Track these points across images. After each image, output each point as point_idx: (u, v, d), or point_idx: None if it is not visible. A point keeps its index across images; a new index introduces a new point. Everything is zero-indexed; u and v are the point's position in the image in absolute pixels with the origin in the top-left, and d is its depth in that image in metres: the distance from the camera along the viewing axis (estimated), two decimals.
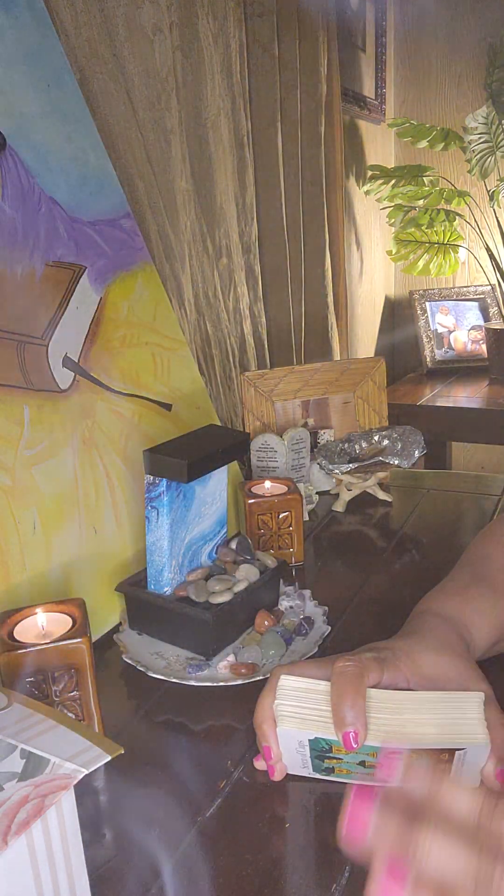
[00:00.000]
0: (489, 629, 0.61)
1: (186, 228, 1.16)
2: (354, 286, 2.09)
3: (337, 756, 0.50)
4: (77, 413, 0.78)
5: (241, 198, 1.29)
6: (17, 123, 0.77)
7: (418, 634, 0.57)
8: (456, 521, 1.04)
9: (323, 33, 1.52)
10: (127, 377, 0.85)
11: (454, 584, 0.65)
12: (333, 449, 1.06)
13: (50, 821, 0.37)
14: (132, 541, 0.80)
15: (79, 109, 0.86)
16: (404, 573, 0.87)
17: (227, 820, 0.50)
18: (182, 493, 0.72)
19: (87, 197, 0.85)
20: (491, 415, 1.86)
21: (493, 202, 2.03)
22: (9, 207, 0.75)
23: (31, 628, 0.58)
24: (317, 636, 0.71)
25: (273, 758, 0.52)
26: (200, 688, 0.65)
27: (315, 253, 1.62)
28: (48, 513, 0.72)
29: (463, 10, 2.11)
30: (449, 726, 0.49)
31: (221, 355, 1.28)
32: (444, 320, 2.22)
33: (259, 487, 0.90)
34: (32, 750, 0.38)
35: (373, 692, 0.51)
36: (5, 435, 0.70)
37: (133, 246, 0.90)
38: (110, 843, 0.49)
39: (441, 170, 2.12)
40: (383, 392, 1.16)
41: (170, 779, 0.55)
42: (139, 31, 1.02)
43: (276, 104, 1.38)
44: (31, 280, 0.76)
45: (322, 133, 1.58)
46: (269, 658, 0.68)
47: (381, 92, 2.13)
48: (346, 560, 0.92)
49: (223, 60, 1.20)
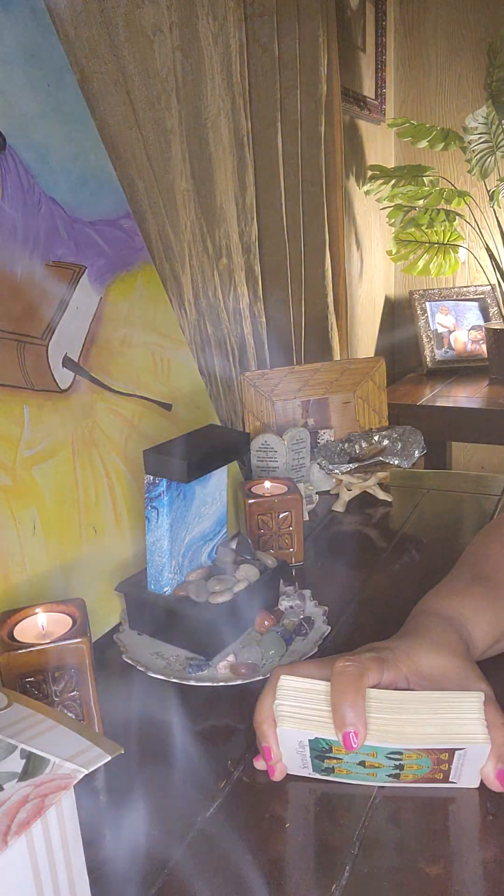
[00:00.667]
0: (489, 629, 0.61)
1: (186, 228, 1.16)
2: (354, 286, 2.09)
3: (337, 756, 0.50)
4: (77, 413, 0.78)
5: (241, 198, 1.29)
6: (17, 123, 0.77)
7: (418, 634, 0.57)
8: (456, 521, 1.04)
9: (323, 33, 1.52)
10: (127, 377, 0.85)
11: (454, 584, 0.65)
12: (333, 449, 1.06)
13: (50, 821, 0.37)
14: (132, 541, 0.80)
15: (79, 109, 0.86)
16: (404, 573, 0.87)
17: (227, 820, 0.50)
18: (182, 493, 0.72)
19: (87, 197, 0.85)
20: (491, 415, 1.86)
21: (493, 202, 2.03)
22: (9, 207, 0.75)
23: (31, 628, 0.58)
24: (317, 636, 0.71)
25: (273, 758, 0.52)
26: (200, 688, 0.65)
27: (315, 253, 1.62)
28: (48, 513, 0.72)
29: (463, 10, 2.11)
30: (449, 726, 0.49)
31: (221, 355, 1.28)
32: (444, 320, 2.22)
33: (259, 487, 0.90)
34: (32, 750, 0.38)
35: (373, 692, 0.51)
36: (5, 435, 0.70)
37: (133, 246, 0.90)
38: (110, 843, 0.49)
39: (441, 170, 2.12)
40: (383, 392, 1.16)
41: (170, 779, 0.55)
42: (139, 31, 1.02)
43: (276, 104, 1.38)
44: (31, 280, 0.76)
45: (322, 133, 1.58)
46: (269, 658, 0.68)
47: (381, 92, 2.13)
48: (346, 560, 0.92)
49: (223, 60, 1.20)
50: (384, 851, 0.47)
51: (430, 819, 0.50)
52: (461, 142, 1.96)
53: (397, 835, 0.49)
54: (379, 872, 0.46)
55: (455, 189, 2.00)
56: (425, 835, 0.48)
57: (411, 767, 0.50)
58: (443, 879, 0.45)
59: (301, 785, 0.53)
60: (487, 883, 0.45)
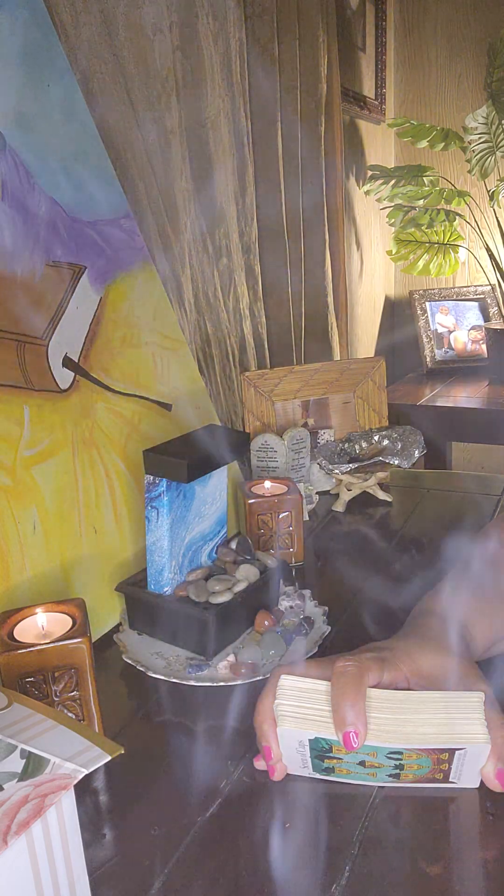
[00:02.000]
0: (489, 629, 0.61)
1: (186, 228, 1.16)
2: (354, 286, 2.09)
3: (337, 756, 0.50)
4: (77, 413, 0.78)
5: (241, 198, 1.29)
6: (17, 123, 0.77)
7: (418, 634, 0.57)
8: (456, 521, 1.04)
9: (323, 33, 1.52)
10: (127, 377, 0.85)
11: (454, 584, 0.65)
12: (333, 449, 1.06)
13: (50, 821, 0.37)
14: (132, 541, 0.80)
15: (79, 109, 0.86)
16: (404, 573, 0.87)
17: (227, 820, 0.50)
18: (182, 493, 0.72)
19: (87, 197, 0.85)
20: (491, 415, 1.86)
21: (493, 202, 2.03)
22: (9, 207, 0.75)
23: (31, 628, 0.58)
24: (317, 636, 0.71)
25: (273, 758, 0.52)
26: (200, 688, 0.65)
27: (315, 253, 1.62)
28: (48, 513, 0.72)
29: (463, 10, 2.11)
30: (449, 726, 0.49)
31: (221, 355, 1.28)
32: (444, 320, 2.22)
33: (259, 487, 0.90)
34: (32, 750, 0.38)
35: (373, 692, 0.51)
36: (5, 435, 0.70)
37: (133, 246, 0.90)
38: (110, 843, 0.49)
39: (441, 170, 2.12)
40: (383, 392, 1.16)
41: (170, 779, 0.55)
42: (139, 31, 1.02)
43: (276, 104, 1.38)
44: (31, 280, 0.76)
45: (322, 133, 1.58)
46: (269, 658, 0.68)
47: (381, 92, 2.13)
48: (346, 560, 0.92)
49: (223, 60, 1.19)
50: (384, 851, 0.47)
51: (430, 819, 0.50)
52: (461, 142, 1.96)
53: (397, 835, 0.49)
54: (379, 872, 0.46)
55: (455, 189, 2.00)
56: (425, 835, 0.48)
57: (411, 767, 0.50)
58: (443, 879, 0.45)
59: (301, 785, 0.53)
60: (487, 883, 0.45)
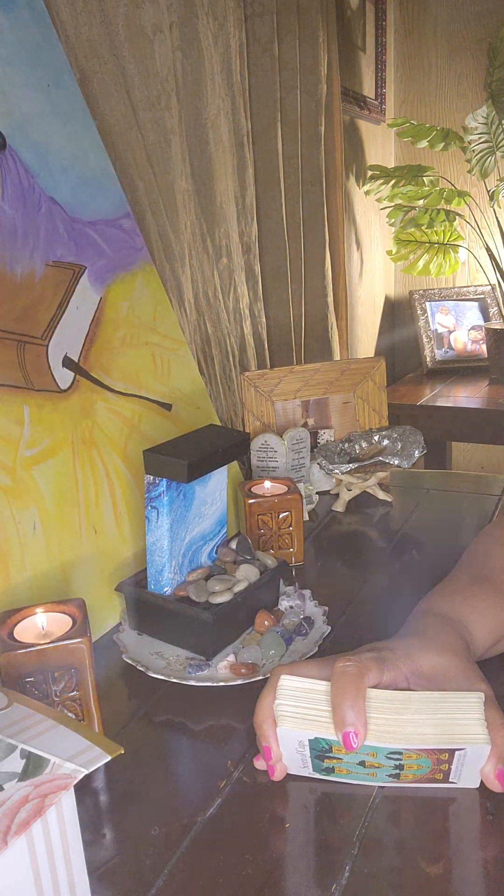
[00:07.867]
0: (489, 629, 0.61)
1: (186, 228, 1.16)
2: (354, 286, 2.09)
3: (337, 756, 0.50)
4: (77, 413, 0.78)
5: (241, 198, 1.29)
6: (17, 123, 0.77)
7: (418, 634, 0.57)
8: (456, 521, 1.04)
9: (323, 33, 1.52)
10: (127, 377, 0.85)
11: (454, 584, 0.65)
12: (333, 449, 1.06)
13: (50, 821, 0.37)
14: (132, 541, 0.80)
15: (79, 109, 0.86)
16: (404, 573, 0.87)
17: (227, 820, 0.50)
18: (182, 493, 0.72)
19: (87, 197, 0.85)
20: (491, 415, 1.86)
21: (493, 202, 2.03)
22: (9, 207, 0.75)
23: (31, 628, 0.58)
24: (317, 636, 0.71)
25: (273, 758, 0.52)
26: (200, 688, 0.65)
27: (315, 253, 1.62)
28: (48, 513, 0.72)
29: (463, 10, 2.11)
30: (449, 726, 0.49)
31: (221, 355, 1.28)
32: (444, 320, 2.22)
33: (259, 487, 0.90)
34: (32, 750, 0.38)
35: (373, 692, 0.51)
36: (5, 435, 0.70)
37: (133, 246, 0.90)
38: (110, 843, 0.49)
39: (441, 170, 2.12)
40: (383, 392, 1.16)
41: (170, 779, 0.55)
42: (139, 31, 1.02)
43: (276, 104, 1.38)
44: (31, 280, 0.76)
45: (322, 133, 1.58)
46: (269, 658, 0.68)
47: (381, 92, 2.13)
48: (346, 560, 0.92)
49: (223, 60, 1.20)
50: (384, 851, 0.47)
51: (430, 819, 0.50)
52: (461, 142, 1.96)
53: (397, 835, 0.49)
54: (379, 872, 0.46)
55: (455, 189, 2.00)
56: (425, 835, 0.48)
57: (411, 767, 0.50)
58: (443, 879, 0.45)
59: (301, 785, 0.53)
60: (487, 883, 0.45)
